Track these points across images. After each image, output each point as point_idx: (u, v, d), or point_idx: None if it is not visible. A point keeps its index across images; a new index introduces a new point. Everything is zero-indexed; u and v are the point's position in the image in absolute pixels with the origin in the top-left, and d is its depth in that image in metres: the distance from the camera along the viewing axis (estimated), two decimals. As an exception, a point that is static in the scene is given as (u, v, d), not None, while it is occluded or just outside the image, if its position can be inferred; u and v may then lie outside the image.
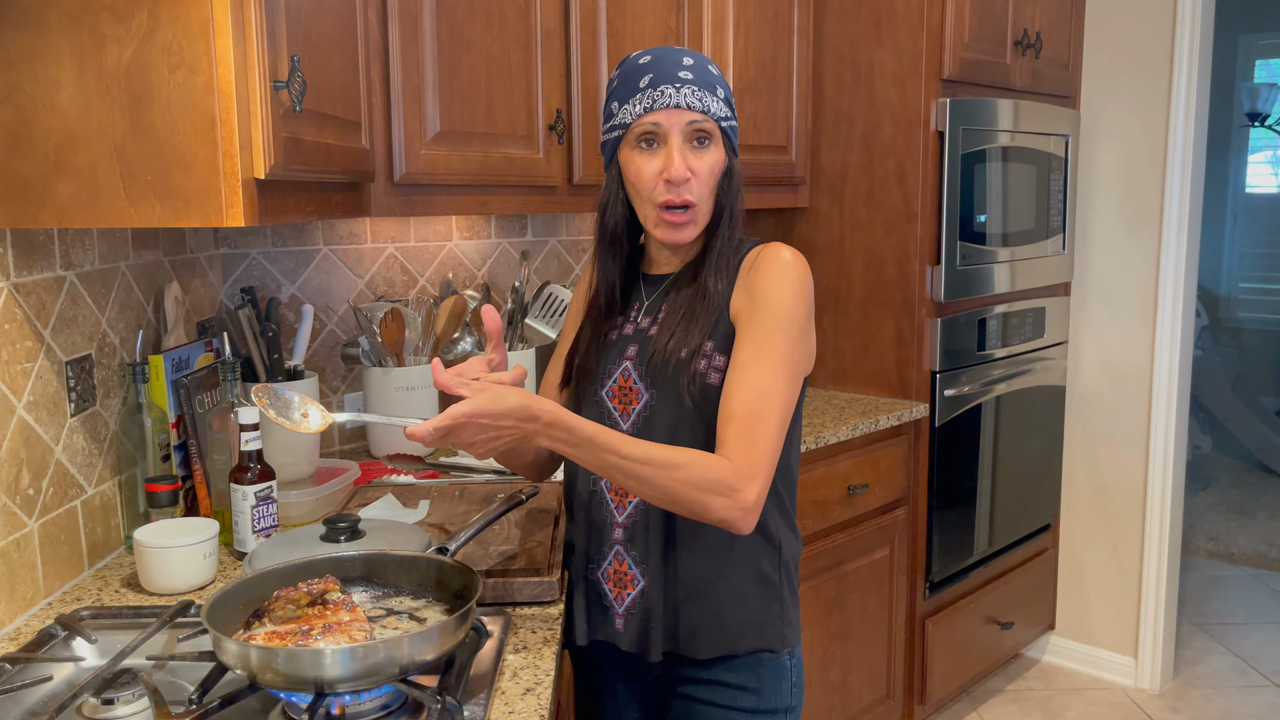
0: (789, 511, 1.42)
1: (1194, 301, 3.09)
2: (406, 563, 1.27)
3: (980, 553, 2.95)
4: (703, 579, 1.36)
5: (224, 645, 1.04)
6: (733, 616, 1.36)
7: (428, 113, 1.92)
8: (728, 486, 1.19)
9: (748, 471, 1.21)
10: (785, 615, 1.39)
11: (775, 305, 1.29)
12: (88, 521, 1.53)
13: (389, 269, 2.36)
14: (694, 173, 1.32)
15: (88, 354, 1.53)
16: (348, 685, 1.03)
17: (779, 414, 1.25)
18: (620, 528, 1.40)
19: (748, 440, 1.22)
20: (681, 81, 1.31)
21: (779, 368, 1.26)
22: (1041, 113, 2.91)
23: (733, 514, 1.20)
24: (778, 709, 1.39)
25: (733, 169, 1.37)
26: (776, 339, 1.27)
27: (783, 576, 1.39)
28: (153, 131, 1.20)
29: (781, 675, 1.39)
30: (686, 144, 1.32)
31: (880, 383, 2.77)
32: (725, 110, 1.34)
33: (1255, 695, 3.16)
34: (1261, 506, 5.01)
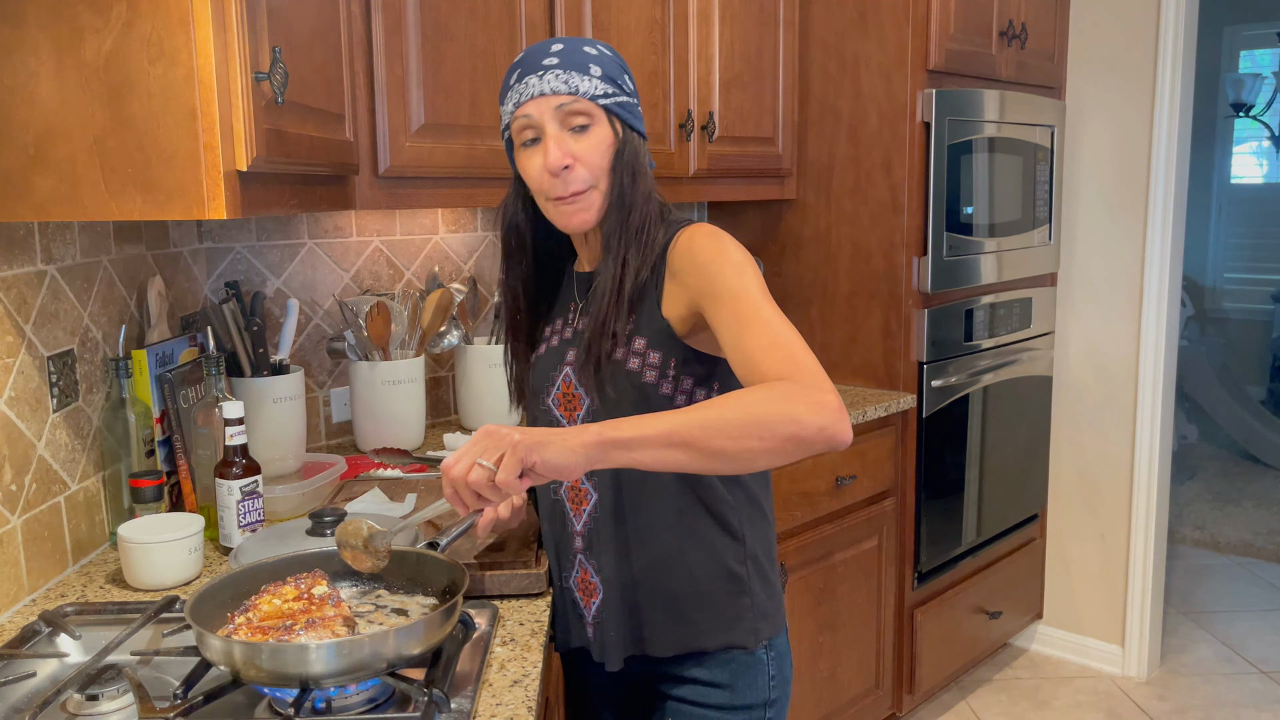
0: (757, 500, 1.37)
1: (1179, 292, 3.10)
2: (396, 557, 1.27)
3: (968, 543, 2.96)
4: (659, 579, 1.33)
5: (207, 641, 1.03)
6: (695, 613, 1.33)
7: (412, 105, 1.91)
8: (806, 393, 1.08)
9: (810, 379, 1.10)
10: (756, 608, 1.34)
11: (723, 261, 1.22)
12: (71, 517, 1.52)
13: (374, 262, 2.35)
14: (576, 158, 1.26)
15: (70, 349, 1.52)
16: (333, 680, 1.03)
17: (797, 337, 1.16)
18: (579, 536, 1.38)
19: (787, 361, 1.12)
20: (544, 69, 1.26)
21: (765, 301, 1.18)
22: (1027, 104, 2.92)
23: (826, 415, 1.06)
24: (753, 704, 1.35)
25: (629, 144, 1.29)
26: (744, 281, 1.20)
27: (751, 569, 1.34)
28: (133, 124, 1.19)
29: (756, 670, 1.35)
30: (564, 131, 1.27)
31: (868, 374, 2.77)
32: (605, 87, 1.27)
33: (1241, 682, 3.18)
34: (1247, 495, 5.04)
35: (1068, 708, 3.04)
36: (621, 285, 1.28)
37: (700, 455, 1.06)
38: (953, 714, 3.01)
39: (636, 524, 1.33)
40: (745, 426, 1.05)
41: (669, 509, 1.32)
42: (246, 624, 1.09)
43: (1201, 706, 3.04)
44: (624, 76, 1.31)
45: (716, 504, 1.32)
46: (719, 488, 1.32)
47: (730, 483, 1.33)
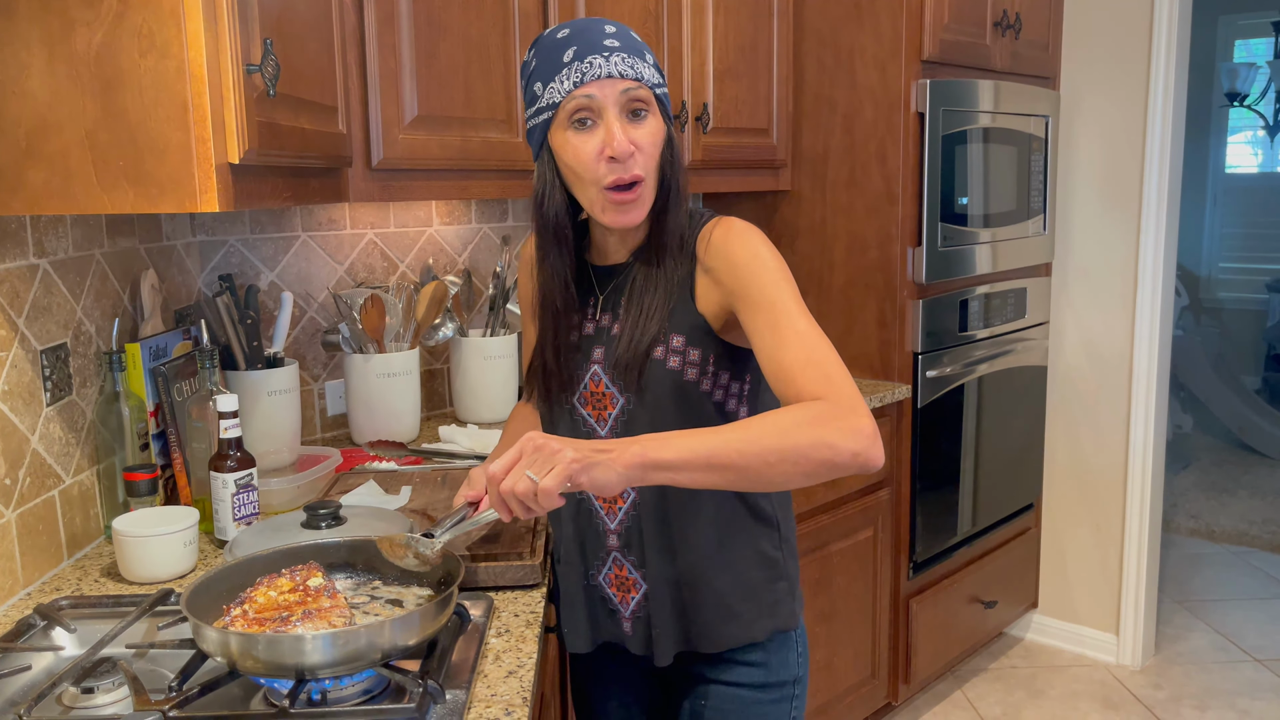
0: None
1: (1174, 281, 3.10)
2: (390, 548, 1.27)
3: (963, 533, 2.97)
4: (705, 575, 1.33)
5: (203, 632, 1.04)
6: (741, 605, 1.34)
7: (405, 97, 1.90)
8: (837, 416, 1.08)
9: (846, 403, 1.10)
10: (793, 590, 1.38)
11: (759, 266, 1.21)
12: (66, 511, 1.52)
13: (369, 255, 2.35)
14: (638, 146, 1.22)
15: (63, 343, 1.52)
16: (329, 671, 1.03)
17: (833, 352, 1.16)
18: (614, 534, 1.36)
19: (822, 380, 1.12)
20: (609, 50, 1.21)
21: (801, 313, 1.18)
22: (1022, 94, 2.92)
23: (861, 441, 1.07)
24: (785, 680, 1.37)
25: (673, 139, 1.28)
26: (780, 290, 1.19)
27: (785, 553, 1.37)
28: (124, 117, 1.19)
29: (788, 647, 1.38)
30: (623, 116, 1.22)
31: (863, 365, 2.77)
32: (658, 76, 1.26)
33: (1236, 671, 3.20)
34: (1242, 485, 5.05)
35: (1063, 696, 3.05)
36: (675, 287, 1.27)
37: (737, 477, 1.08)
38: (948, 703, 3.02)
39: (680, 522, 1.32)
40: (782, 452, 1.06)
41: (709, 504, 1.32)
42: (243, 615, 1.09)
43: (1196, 695, 3.05)
44: (661, 69, 1.31)
45: (754, 495, 1.34)
46: None
47: None
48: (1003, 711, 2.97)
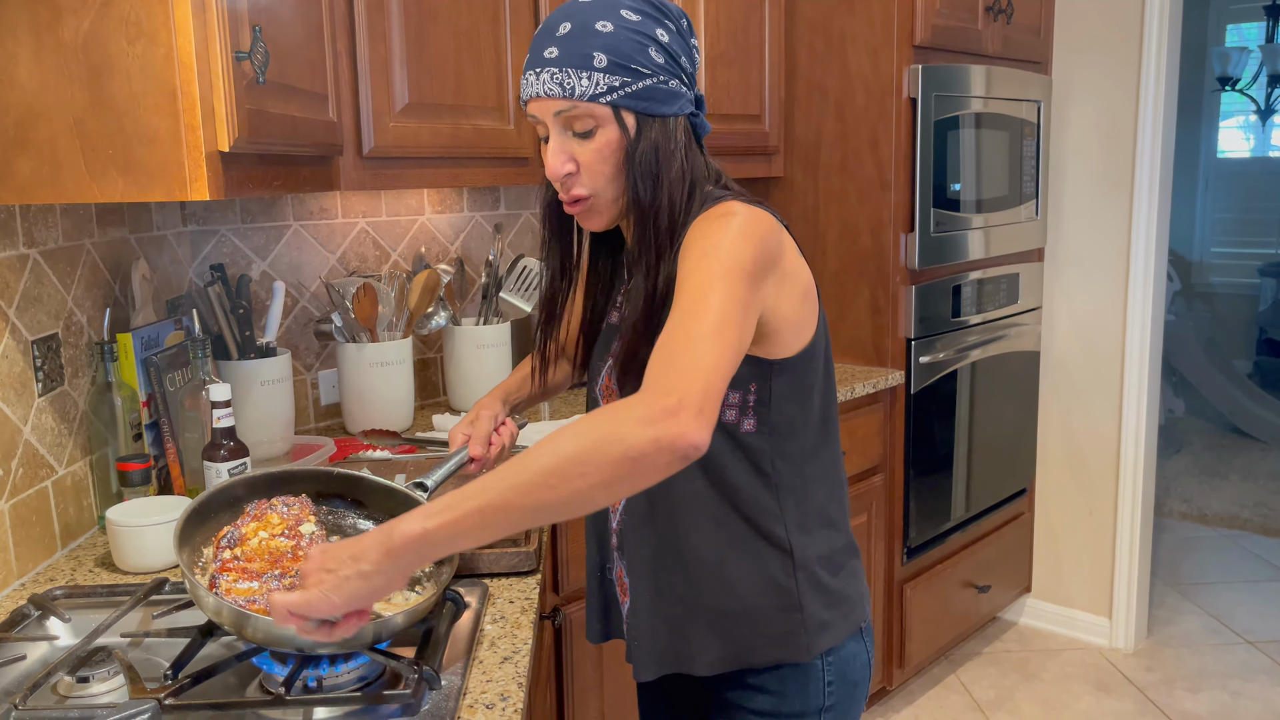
0: (813, 505, 1.24)
1: (1165, 266, 3.11)
2: (383, 493, 1.28)
3: (957, 518, 2.98)
4: (700, 594, 1.23)
5: (201, 594, 1.04)
6: (741, 630, 1.22)
7: (396, 85, 1.90)
8: (636, 403, 0.95)
9: (666, 383, 0.95)
10: (810, 623, 1.22)
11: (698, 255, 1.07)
12: (59, 502, 1.52)
13: (361, 244, 2.34)
14: (580, 164, 1.15)
15: (54, 333, 1.52)
16: (325, 649, 1.04)
17: (711, 321, 1.00)
18: (615, 534, 1.31)
19: (658, 370, 0.98)
20: (544, 64, 1.12)
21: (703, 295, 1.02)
22: (1014, 79, 2.92)
23: (657, 426, 0.92)
24: (803, 712, 1.24)
25: (638, 144, 1.13)
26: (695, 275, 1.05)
27: (802, 581, 1.21)
28: (113, 105, 1.18)
29: (808, 678, 1.23)
30: (567, 133, 1.15)
31: (856, 351, 2.78)
32: (611, 80, 1.11)
33: (1228, 653, 3.22)
34: (1233, 469, 5.08)
35: (1056, 679, 3.07)
36: (651, 295, 1.16)
37: (524, 515, 0.95)
38: (943, 687, 3.04)
39: (670, 534, 1.23)
40: (560, 469, 0.93)
41: (705, 519, 1.21)
42: (234, 562, 1.10)
43: (1188, 677, 3.07)
44: (647, 50, 1.12)
45: (759, 514, 1.21)
46: (762, 496, 1.21)
47: (775, 490, 1.21)
48: (996, 695, 2.99)
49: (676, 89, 1.16)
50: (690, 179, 1.17)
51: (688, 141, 1.18)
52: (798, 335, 1.18)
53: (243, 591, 1.10)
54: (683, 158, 1.16)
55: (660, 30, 1.14)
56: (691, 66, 1.19)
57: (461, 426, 1.40)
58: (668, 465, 0.94)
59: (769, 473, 1.20)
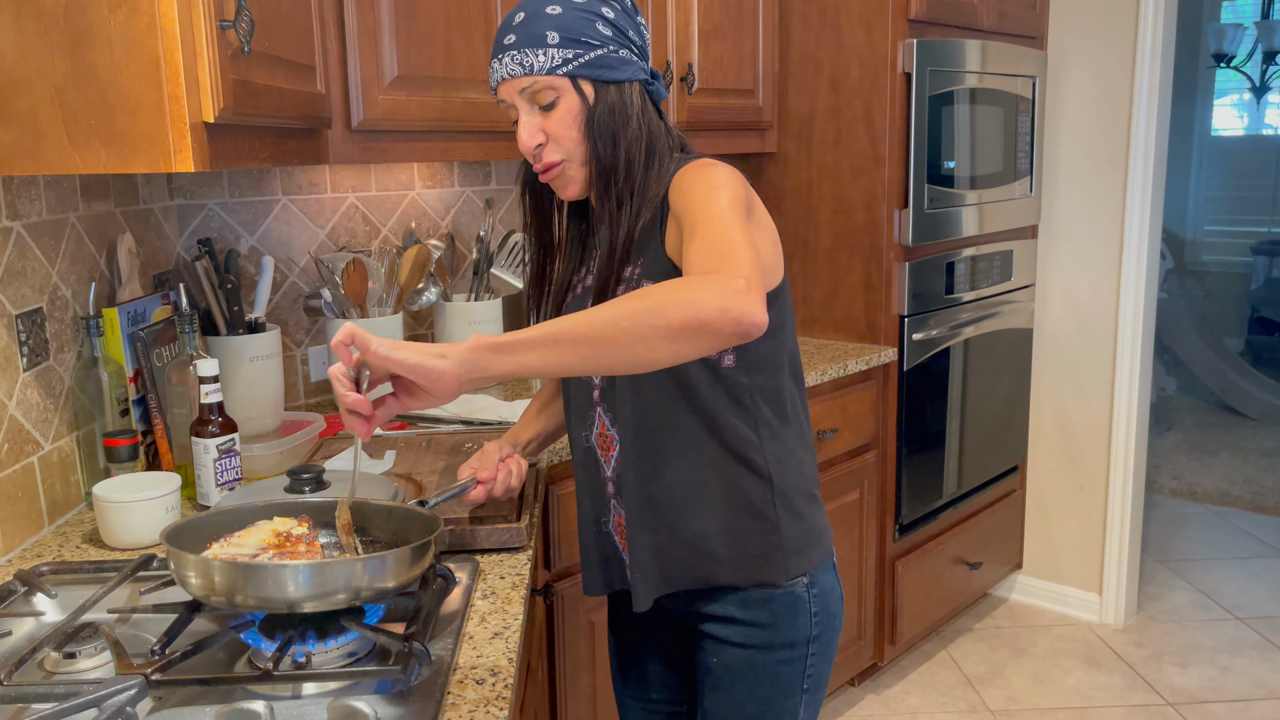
0: (785, 439, 1.34)
1: (1159, 244, 3.10)
2: (382, 513, 1.26)
3: (949, 495, 2.98)
4: (684, 518, 1.32)
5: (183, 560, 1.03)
6: (720, 550, 1.32)
7: (384, 57, 1.87)
8: (709, 277, 1.03)
9: (729, 269, 1.04)
10: (787, 546, 1.33)
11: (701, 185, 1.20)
12: (46, 478, 1.50)
13: (350, 219, 2.32)
14: (548, 134, 1.28)
15: (39, 307, 1.50)
16: (313, 604, 1.03)
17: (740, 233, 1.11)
18: (610, 482, 1.38)
19: (717, 257, 1.07)
20: (504, 49, 1.27)
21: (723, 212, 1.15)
22: (1009, 54, 2.89)
23: (729, 297, 1.00)
24: (795, 641, 1.35)
25: (596, 109, 1.27)
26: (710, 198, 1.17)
27: (780, 508, 1.32)
28: (95, 74, 1.16)
29: (797, 609, 1.34)
30: (534, 109, 1.28)
31: (849, 328, 2.77)
32: (565, 53, 1.25)
33: (1216, 628, 3.24)
34: (1224, 446, 5.10)
35: (1046, 655, 3.09)
36: (614, 244, 1.28)
37: (591, 350, 1.00)
38: (934, 663, 3.05)
39: (658, 466, 1.32)
40: (636, 315, 0.99)
41: (689, 449, 1.31)
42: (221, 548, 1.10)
43: (1177, 651, 3.09)
44: (594, 25, 1.27)
45: (739, 444, 1.31)
46: (741, 428, 1.30)
47: (754, 423, 1.31)
48: (987, 670, 3.00)
49: (627, 58, 1.29)
50: (647, 138, 1.31)
51: (643, 105, 1.31)
52: (771, 276, 1.28)
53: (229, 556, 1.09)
54: (639, 119, 1.30)
55: (605, 8, 1.28)
56: (640, 40, 1.32)
57: (469, 463, 1.43)
58: (730, 336, 1.01)
59: (748, 405, 1.31)
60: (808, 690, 1.38)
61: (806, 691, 1.38)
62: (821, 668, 1.39)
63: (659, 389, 1.30)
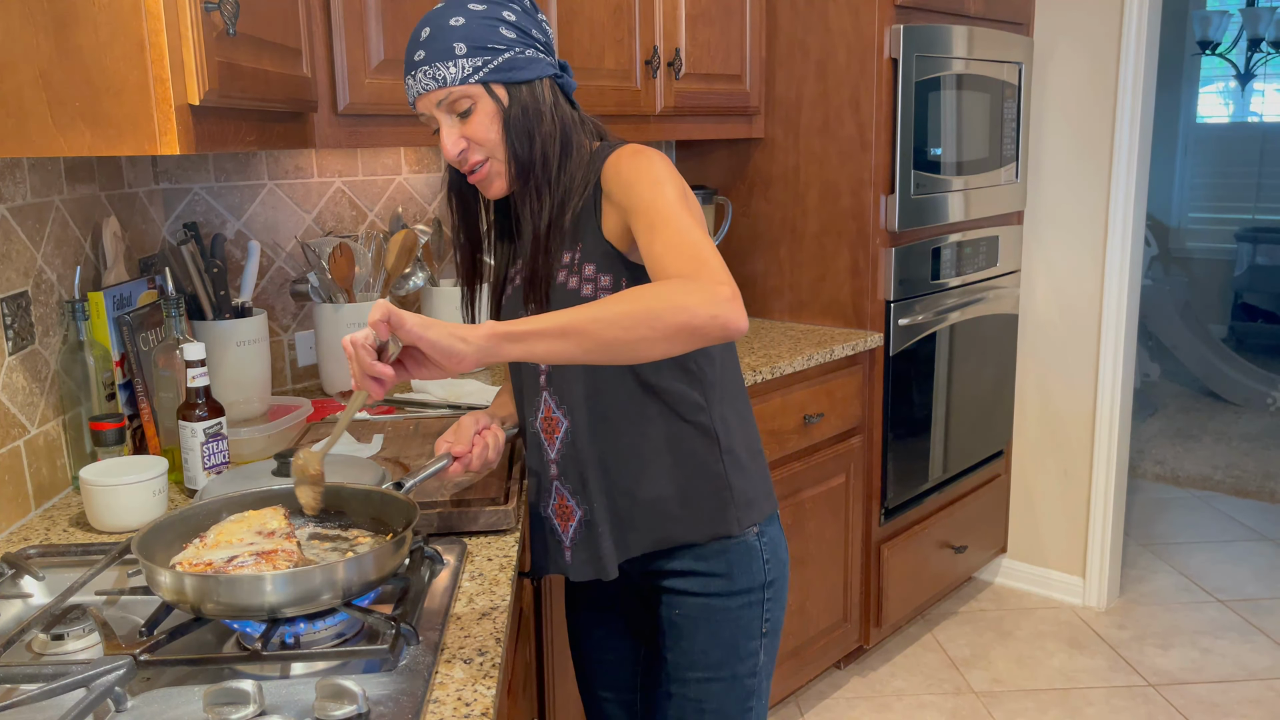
0: (729, 402, 1.42)
1: (1143, 230, 3.12)
2: (360, 497, 1.26)
3: (935, 479, 3.00)
4: (643, 485, 1.39)
5: (157, 577, 1.03)
6: (678, 510, 1.40)
7: (371, 40, 1.87)
8: (699, 285, 1.12)
9: (709, 276, 1.14)
10: (737, 499, 1.41)
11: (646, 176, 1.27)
12: (32, 462, 1.50)
13: (337, 204, 2.32)
14: (469, 140, 1.32)
15: (24, 290, 1.49)
16: (293, 609, 1.03)
17: (707, 242, 1.20)
18: (554, 464, 1.44)
19: (691, 261, 1.16)
20: (416, 66, 1.31)
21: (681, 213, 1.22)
22: (995, 40, 2.90)
23: (718, 305, 1.11)
24: (751, 587, 1.43)
25: (510, 110, 1.31)
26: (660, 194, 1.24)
27: (728, 463, 1.41)
28: (79, 56, 1.16)
29: (751, 556, 1.42)
30: (453, 117, 1.32)
31: (836, 313, 2.78)
32: (473, 62, 1.29)
33: (1198, 610, 3.27)
34: (1207, 431, 5.14)
35: (1030, 637, 3.12)
36: (538, 234, 1.34)
37: (595, 345, 1.10)
38: (919, 646, 3.08)
39: (614, 440, 1.39)
40: (636, 316, 1.09)
41: (642, 419, 1.38)
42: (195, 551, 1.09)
43: (1160, 634, 3.12)
44: (498, 30, 1.30)
45: (687, 409, 1.38)
46: (689, 392, 1.38)
47: (701, 385, 1.39)
48: (971, 653, 3.03)
49: (533, 56, 1.33)
50: (562, 131, 1.35)
51: (555, 99, 1.36)
52: None
53: (200, 568, 1.08)
54: (552, 113, 1.34)
55: (506, 12, 1.32)
56: (544, 36, 1.36)
57: (445, 436, 1.44)
58: (715, 339, 1.12)
59: (693, 370, 1.38)
60: (766, 634, 1.46)
61: (765, 635, 1.46)
62: (776, 612, 1.47)
63: (612, 365, 1.36)
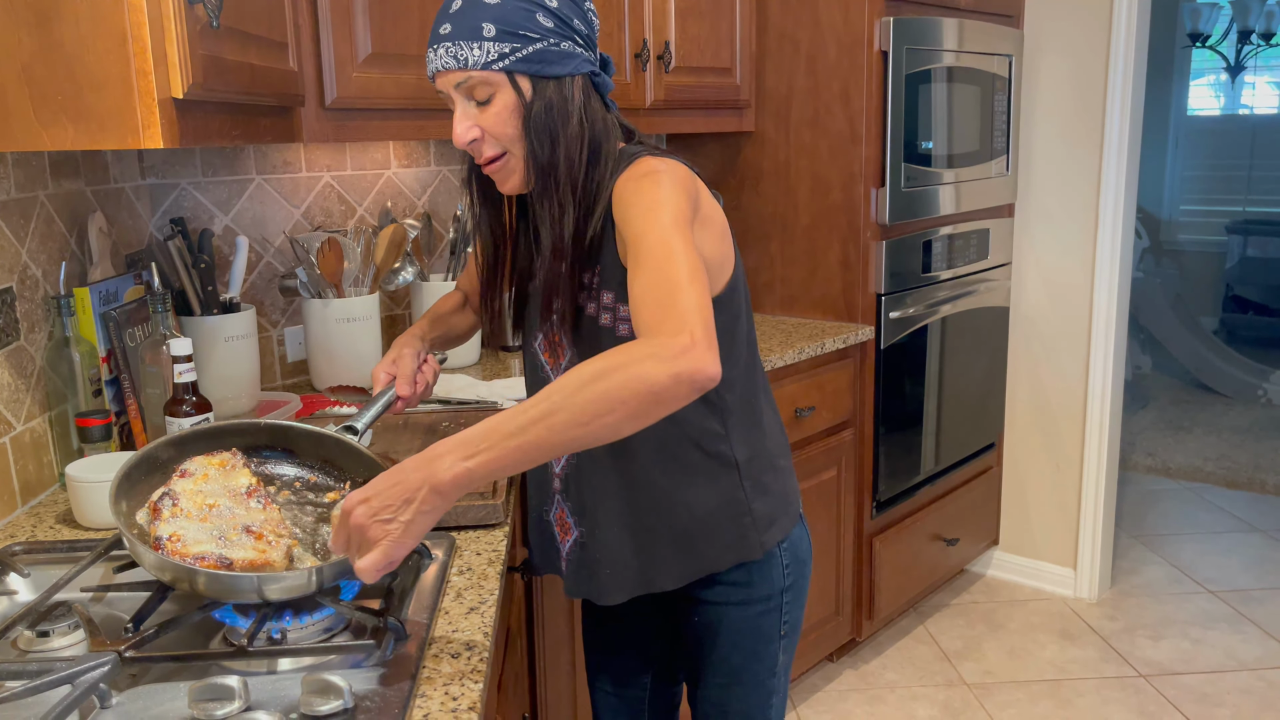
0: (750, 417, 1.36)
1: (1134, 222, 3.13)
2: (313, 439, 1.27)
3: (926, 472, 3.01)
4: (660, 518, 1.35)
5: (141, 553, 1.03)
6: (700, 544, 1.35)
7: (358, 34, 1.86)
8: (654, 343, 1.01)
9: (671, 325, 1.01)
10: (760, 521, 1.37)
11: (638, 200, 1.16)
12: (18, 459, 1.50)
13: (325, 199, 2.31)
14: (484, 129, 1.23)
15: (8, 286, 1.48)
16: (278, 596, 1.04)
17: (684, 269, 1.07)
18: (557, 478, 1.41)
19: (657, 306, 1.04)
20: (440, 40, 1.21)
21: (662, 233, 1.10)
22: (985, 32, 2.90)
23: (677, 363, 0.98)
24: (770, 594, 1.41)
25: (533, 105, 1.21)
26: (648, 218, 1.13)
27: (749, 489, 1.36)
28: (61, 49, 1.15)
29: (771, 565, 1.40)
30: (469, 101, 1.23)
31: (827, 307, 2.78)
32: (501, 47, 1.19)
33: (1189, 601, 3.28)
34: (1198, 423, 5.15)
35: (1022, 629, 3.12)
36: (557, 246, 1.24)
37: (558, 450, 0.99)
38: (911, 638, 3.08)
39: (626, 467, 1.34)
40: (591, 405, 0.98)
41: (661, 451, 1.32)
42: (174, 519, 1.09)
43: (1150, 625, 3.13)
44: (534, 16, 1.20)
45: (707, 440, 1.33)
46: (709, 421, 1.32)
47: (721, 414, 1.33)
48: (963, 645, 3.03)
49: (570, 50, 1.22)
50: (590, 135, 1.24)
51: (586, 99, 1.24)
52: (722, 272, 1.29)
53: (187, 552, 1.07)
54: (580, 115, 1.23)
55: (539, 9, 1.20)
56: (587, 29, 1.25)
57: (384, 365, 1.42)
58: (687, 396, 1.00)
59: (714, 400, 1.32)
60: (785, 635, 1.45)
61: (784, 636, 1.45)
62: (795, 613, 1.45)
63: None
